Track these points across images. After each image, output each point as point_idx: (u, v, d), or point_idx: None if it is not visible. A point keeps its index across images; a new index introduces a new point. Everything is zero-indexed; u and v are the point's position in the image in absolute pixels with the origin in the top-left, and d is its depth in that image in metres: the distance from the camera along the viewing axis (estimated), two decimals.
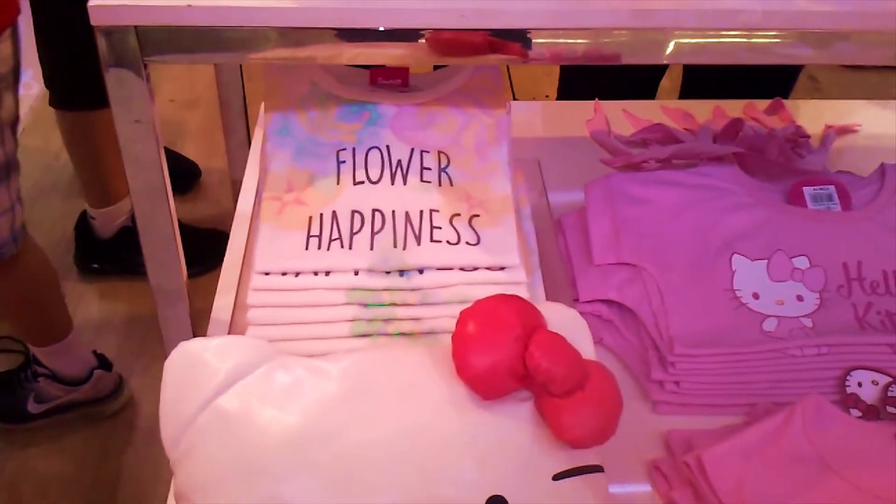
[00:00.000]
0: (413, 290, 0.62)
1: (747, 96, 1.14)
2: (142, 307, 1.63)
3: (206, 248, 1.16)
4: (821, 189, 0.85)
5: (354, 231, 0.64)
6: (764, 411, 0.70)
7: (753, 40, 0.64)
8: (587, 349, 0.56)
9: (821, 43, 0.63)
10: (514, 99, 2.24)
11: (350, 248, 0.63)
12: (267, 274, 0.62)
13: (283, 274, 0.63)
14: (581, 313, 0.78)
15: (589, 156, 0.99)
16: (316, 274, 0.63)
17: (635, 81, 1.35)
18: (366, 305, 0.62)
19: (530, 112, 1.12)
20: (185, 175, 1.85)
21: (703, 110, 1.10)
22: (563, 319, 0.57)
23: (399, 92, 0.73)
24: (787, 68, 1.32)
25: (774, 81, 1.29)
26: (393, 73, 0.73)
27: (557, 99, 1.42)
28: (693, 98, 1.21)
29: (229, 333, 0.69)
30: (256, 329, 0.61)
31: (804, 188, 0.85)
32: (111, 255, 1.64)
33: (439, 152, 0.69)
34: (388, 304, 0.62)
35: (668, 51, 0.63)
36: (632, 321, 0.78)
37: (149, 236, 0.70)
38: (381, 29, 0.60)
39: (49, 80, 1.48)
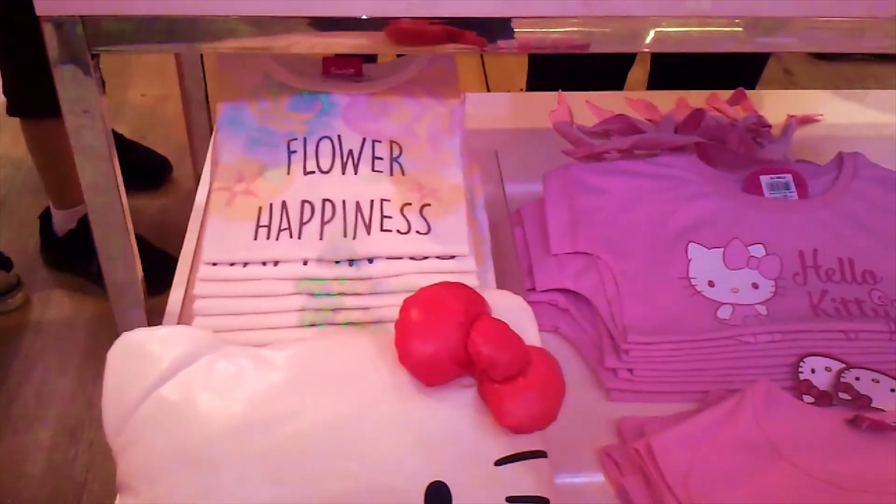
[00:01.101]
0: (362, 279, 0.62)
1: (716, 87, 1.15)
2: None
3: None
4: (777, 177, 0.85)
5: (304, 221, 0.64)
6: (716, 398, 0.70)
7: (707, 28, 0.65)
8: (532, 336, 0.57)
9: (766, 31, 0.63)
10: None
11: (299, 238, 0.63)
12: (215, 265, 0.62)
13: (232, 264, 0.62)
14: (537, 302, 0.80)
15: (552, 147, 1.00)
16: (264, 264, 0.62)
17: (604, 72, 1.35)
18: (314, 295, 0.62)
19: (494, 103, 1.13)
20: (156, 170, 1.85)
21: (667, 101, 1.10)
22: (508, 307, 0.57)
23: (352, 82, 0.73)
24: (755, 59, 1.32)
25: (742, 72, 1.30)
26: (346, 62, 0.73)
27: (527, 90, 1.42)
28: (660, 89, 1.22)
29: (178, 324, 0.69)
30: (203, 320, 0.61)
31: (761, 177, 0.85)
32: (64, 253, 1.65)
33: (391, 142, 0.69)
34: (337, 294, 0.62)
35: (646, 40, 0.63)
36: (588, 310, 0.78)
37: (101, 230, 0.69)
38: (337, 17, 0.60)
39: (5, 88, 1.50)
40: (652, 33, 0.63)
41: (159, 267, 0.89)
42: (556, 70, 1.35)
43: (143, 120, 2.08)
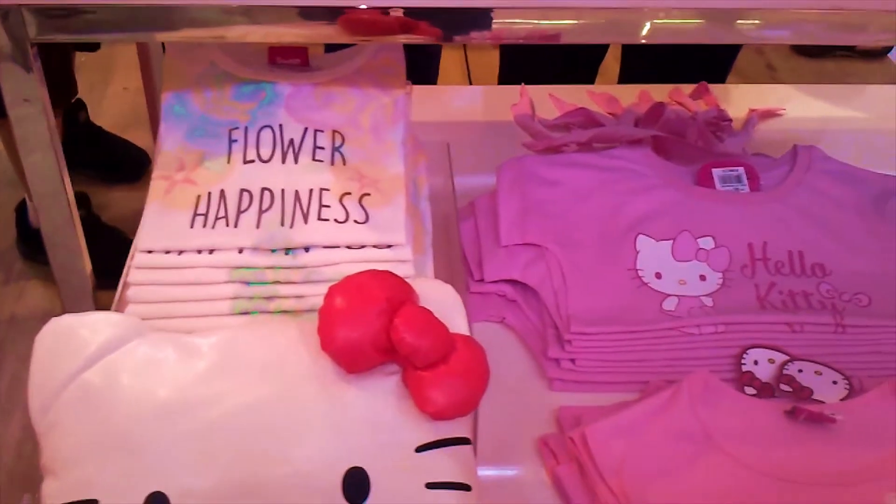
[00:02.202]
0: (297, 268, 0.62)
1: (687, 80, 1.15)
2: None
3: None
4: (730, 171, 0.85)
5: (242, 210, 0.64)
6: (656, 389, 0.70)
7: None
8: (460, 324, 0.57)
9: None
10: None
11: (236, 226, 0.63)
12: (150, 252, 0.62)
13: (167, 252, 0.62)
14: (486, 293, 0.80)
15: (513, 140, 1.00)
16: (200, 252, 0.62)
17: (576, 65, 1.36)
18: (248, 283, 0.62)
19: (458, 96, 1.13)
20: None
21: (631, 95, 1.10)
22: (437, 296, 0.57)
23: (298, 71, 0.73)
24: (725, 53, 1.33)
25: (713, 64, 1.30)
26: (292, 52, 0.73)
27: (499, 83, 1.42)
28: (632, 83, 1.22)
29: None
30: (136, 307, 0.61)
31: (713, 170, 0.85)
32: (40, 245, 1.65)
33: (334, 132, 0.69)
34: (272, 283, 0.62)
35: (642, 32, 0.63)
36: (535, 301, 0.79)
37: (48, 221, 0.70)
38: (288, 6, 0.60)
39: None
40: (648, 25, 0.63)
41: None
42: (527, 63, 1.35)
43: (124, 113, 2.08)
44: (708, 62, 1.29)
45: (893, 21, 0.63)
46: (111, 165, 1.85)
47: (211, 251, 0.63)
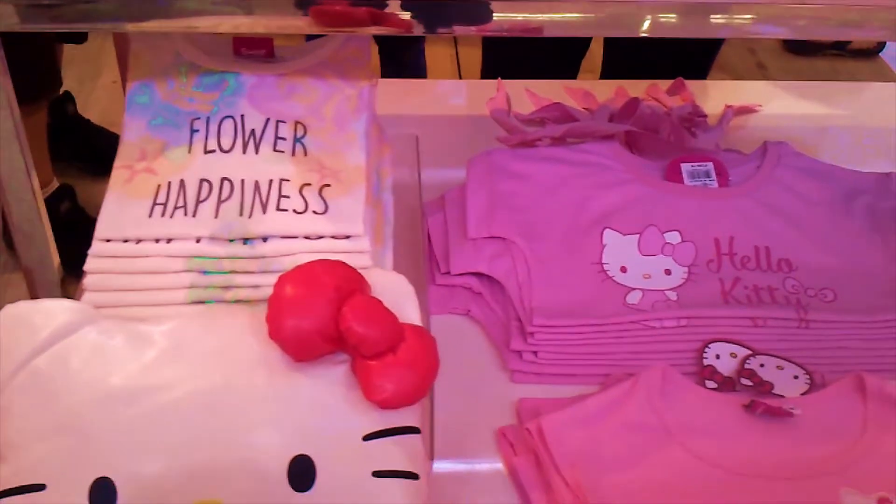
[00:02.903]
0: (255, 258, 0.63)
1: (669, 75, 1.15)
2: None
3: None
4: (698, 166, 0.86)
5: (201, 199, 0.64)
6: (616, 381, 0.70)
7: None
8: (412, 314, 0.57)
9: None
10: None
11: (194, 216, 0.63)
12: (108, 241, 0.63)
13: (125, 241, 0.63)
14: (452, 286, 0.80)
15: (489, 134, 1.00)
16: (158, 241, 0.63)
17: (558, 60, 1.36)
18: (205, 273, 0.62)
19: (436, 90, 1.13)
20: None
21: (608, 90, 1.11)
22: (390, 286, 0.58)
23: (263, 62, 0.73)
24: (707, 49, 1.33)
25: (693, 62, 1.30)
26: (257, 43, 0.73)
27: (481, 78, 1.42)
28: (614, 78, 1.22)
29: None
30: (93, 295, 0.61)
31: (682, 165, 0.86)
32: None
33: (296, 122, 0.69)
34: (229, 272, 0.62)
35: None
36: (500, 294, 0.79)
37: (15, 215, 0.70)
38: None
39: None
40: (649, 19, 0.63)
41: None
42: (510, 58, 1.35)
43: (112, 106, 2.08)
44: (689, 58, 1.29)
45: (892, 17, 0.63)
46: (98, 158, 1.83)
47: (169, 240, 0.63)
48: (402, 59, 1.92)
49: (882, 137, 1.08)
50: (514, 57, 1.33)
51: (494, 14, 0.63)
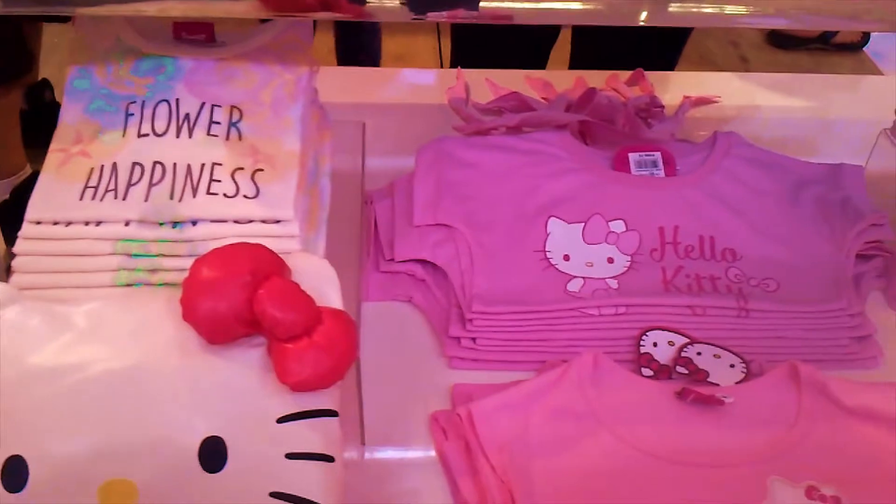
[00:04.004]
0: (183, 241, 0.62)
1: (635, 67, 1.15)
2: None
3: None
4: (646, 155, 0.86)
5: (132, 183, 0.64)
6: (551, 368, 0.71)
7: None
8: (333, 299, 0.57)
9: None
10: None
11: (124, 199, 0.63)
12: (38, 223, 0.63)
13: (55, 224, 0.63)
14: (396, 272, 0.80)
15: (447, 123, 1.00)
16: (87, 224, 0.63)
17: (527, 49, 1.36)
18: (132, 256, 0.62)
19: (396, 79, 1.13)
20: None
21: (568, 80, 1.11)
22: (312, 270, 0.57)
23: (203, 47, 0.73)
24: (675, 39, 1.33)
25: (660, 53, 1.31)
26: (197, 27, 0.73)
27: (451, 66, 1.42)
28: (583, 68, 1.22)
29: None
30: (21, 277, 0.61)
31: (629, 154, 0.86)
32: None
33: (232, 107, 0.69)
34: (156, 255, 0.62)
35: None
36: (444, 281, 0.79)
37: None
38: None
39: None
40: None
41: None
42: (479, 47, 1.35)
43: None
44: (657, 49, 1.29)
45: (891, 10, 0.62)
46: None
47: (98, 223, 0.63)
48: (358, 45, 1.91)
49: (850, 129, 1.09)
50: (484, 46, 1.34)
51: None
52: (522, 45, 1.35)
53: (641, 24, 0.63)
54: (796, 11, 0.63)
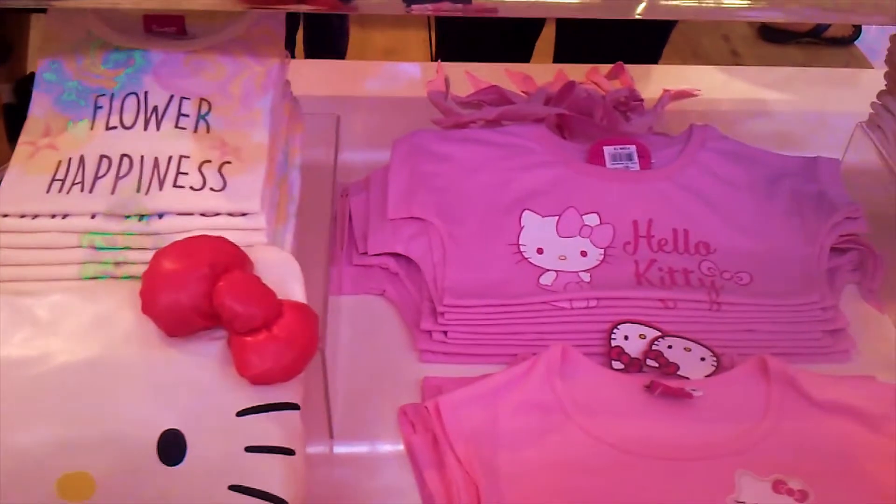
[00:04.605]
0: (149, 234, 0.62)
1: (619, 60, 1.14)
2: None
3: None
4: (621, 149, 0.86)
5: (99, 175, 0.64)
6: (521, 361, 0.71)
7: None
8: (296, 292, 0.57)
9: None
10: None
11: (91, 192, 0.63)
12: (6, 216, 0.63)
13: (22, 216, 0.63)
14: (370, 266, 0.80)
15: (426, 116, 1.00)
16: (54, 217, 0.63)
17: (512, 42, 1.36)
18: (98, 248, 0.62)
19: (377, 72, 1.13)
20: None
21: (549, 74, 1.10)
22: (275, 263, 0.58)
23: (173, 39, 0.72)
24: (657, 33, 1.33)
25: (644, 46, 1.30)
26: (167, 20, 0.73)
27: (434, 60, 1.42)
28: (566, 62, 1.22)
29: None
30: None
31: (604, 147, 0.86)
32: None
33: (201, 99, 0.69)
34: (122, 248, 0.62)
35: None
36: (417, 275, 0.79)
37: None
38: None
39: None
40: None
41: None
42: (463, 40, 1.35)
43: None
44: (641, 42, 1.29)
45: (889, 2, 0.61)
46: None
47: (64, 216, 0.63)
48: (324, 39, 1.91)
49: (831, 122, 1.08)
50: (467, 39, 1.33)
51: None
52: (507, 38, 1.35)
53: (638, 17, 0.63)
54: (793, 4, 0.63)
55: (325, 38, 1.91)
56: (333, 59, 1.86)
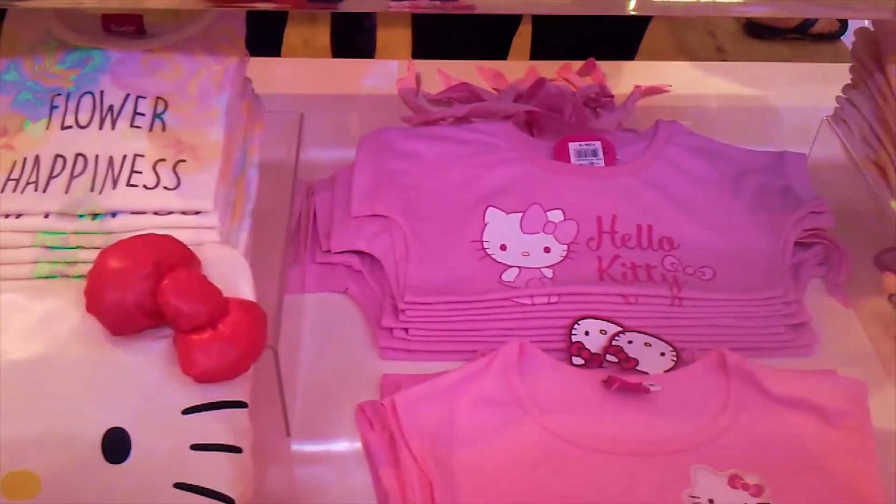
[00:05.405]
0: (102, 233, 0.62)
1: (595, 57, 1.14)
2: None
3: None
4: (586, 145, 0.86)
5: (54, 175, 0.64)
6: (481, 357, 0.71)
7: None
8: (245, 290, 0.57)
9: None
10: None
11: (45, 191, 0.63)
12: None
13: None
14: (333, 264, 0.80)
15: (396, 113, 1.00)
16: (7, 217, 0.63)
17: (489, 38, 1.36)
18: (51, 248, 0.62)
19: (348, 69, 1.13)
20: None
21: (520, 71, 1.10)
22: (222, 260, 0.58)
23: (132, 38, 0.72)
24: (633, 30, 1.33)
25: (619, 42, 1.30)
26: (126, 19, 0.73)
27: (412, 58, 1.42)
28: (542, 59, 1.22)
29: None
30: None
31: (569, 144, 0.86)
32: None
33: (158, 98, 0.69)
34: (75, 248, 0.62)
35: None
36: (380, 272, 0.79)
37: None
38: None
39: None
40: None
41: None
42: (440, 38, 1.35)
43: None
44: (616, 39, 1.29)
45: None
46: None
47: (18, 216, 0.63)
48: (352, 40, 1.91)
49: (800, 117, 1.08)
50: (444, 36, 1.33)
51: None
52: (483, 35, 1.35)
53: (631, 13, 0.62)
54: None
55: (353, 38, 1.90)
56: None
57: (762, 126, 1.07)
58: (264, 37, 1.56)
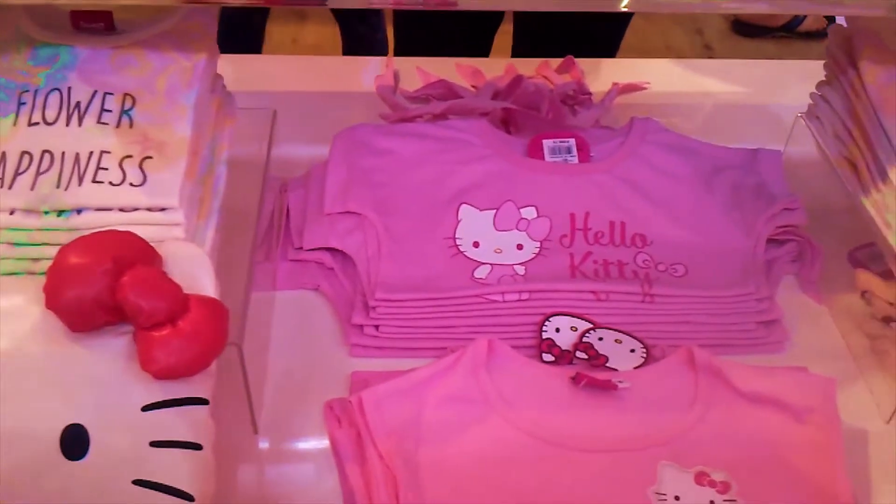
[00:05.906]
0: (68, 230, 0.62)
1: (576, 55, 1.14)
2: None
3: None
4: (560, 142, 0.86)
5: (20, 171, 0.64)
6: (450, 354, 0.71)
7: None
8: (207, 286, 0.57)
9: None
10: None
11: (10, 188, 0.63)
12: None
13: None
14: (305, 261, 0.80)
15: (374, 111, 1.00)
16: None
17: (471, 35, 1.36)
18: (16, 244, 0.62)
19: (326, 67, 1.13)
20: None
21: (499, 68, 1.10)
22: (184, 257, 0.57)
23: (102, 35, 0.72)
24: (614, 27, 1.33)
25: (601, 40, 1.30)
26: (95, 16, 0.72)
27: (395, 55, 1.42)
28: (523, 56, 1.22)
29: None
30: None
31: (543, 141, 0.86)
32: None
33: (126, 95, 0.68)
34: (40, 244, 0.62)
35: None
36: (352, 270, 0.79)
37: None
38: None
39: None
40: None
41: None
42: (422, 35, 1.35)
43: None
44: (598, 36, 1.29)
45: None
46: None
47: None
48: (361, 35, 1.90)
49: (779, 114, 1.08)
50: (426, 33, 1.33)
51: None
52: (466, 31, 1.35)
53: (623, 9, 0.62)
54: None
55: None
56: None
57: (742, 123, 1.07)
58: (245, 34, 1.56)
